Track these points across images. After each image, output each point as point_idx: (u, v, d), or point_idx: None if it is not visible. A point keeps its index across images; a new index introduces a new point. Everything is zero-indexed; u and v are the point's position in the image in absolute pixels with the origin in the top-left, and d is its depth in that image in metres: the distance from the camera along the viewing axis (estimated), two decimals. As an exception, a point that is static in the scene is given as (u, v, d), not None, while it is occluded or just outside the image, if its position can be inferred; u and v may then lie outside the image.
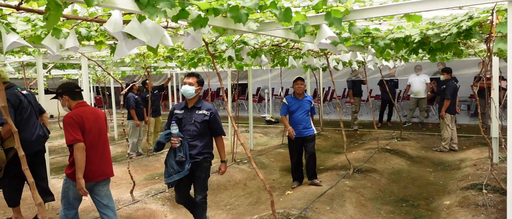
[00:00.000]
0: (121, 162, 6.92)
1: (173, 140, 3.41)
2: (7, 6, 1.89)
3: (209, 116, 3.51)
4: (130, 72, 10.14)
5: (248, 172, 6.02)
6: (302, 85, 5.16)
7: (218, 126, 3.59)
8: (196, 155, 3.49)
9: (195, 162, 3.48)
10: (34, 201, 1.79)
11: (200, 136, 3.51)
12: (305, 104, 5.16)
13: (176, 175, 3.43)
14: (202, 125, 3.49)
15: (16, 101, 3.77)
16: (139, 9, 1.99)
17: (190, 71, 3.75)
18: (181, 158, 3.40)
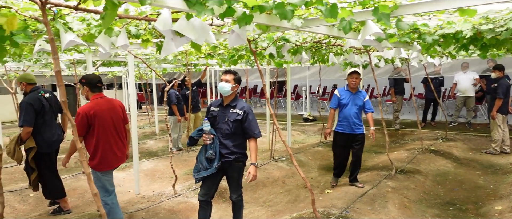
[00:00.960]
0: (162, 157, 7.14)
1: (204, 136, 3.36)
2: (67, 6, 2.01)
3: (242, 115, 3.37)
4: (171, 69, 10.43)
5: (286, 170, 6.01)
6: (357, 79, 4.83)
7: (251, 126, 3.39)
8: (227, 154, 3.37)
9: (226, 162, 3.38)
10: (91, 191, 1.88)
11: (232, 136, 3.38)
12: (357, 100, 4.87)
13: (204, 171, 3.36)
14: (234, 124, 3.36)
15: (39, 106, 4.14)
16: (188, 7, 2.03)
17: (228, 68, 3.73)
18: (211, 156, 3.33)
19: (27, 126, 3.97)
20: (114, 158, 3.58)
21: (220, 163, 3.35)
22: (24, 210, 4.68)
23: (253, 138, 3.42)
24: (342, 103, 4.90)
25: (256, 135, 3.41)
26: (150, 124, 11.70)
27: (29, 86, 4.28)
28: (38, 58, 5.59)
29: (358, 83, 4.87)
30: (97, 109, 3.44)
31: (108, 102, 3.59)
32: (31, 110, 4.01)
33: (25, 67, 7.33)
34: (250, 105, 3.53)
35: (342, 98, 4.90)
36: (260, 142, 8.52)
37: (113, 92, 16.22)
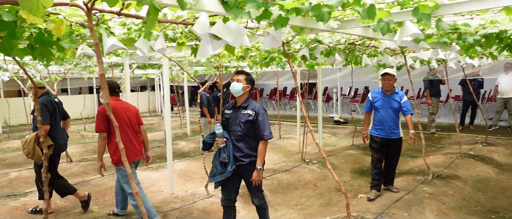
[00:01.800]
0: (194, 157, 7.26)
1: (217, 140, 3.27)
2: (111, 12, 2.09)
3: (253, 116, 3.24)
4: (202, 72, 10.60)
5: (318, 173, 5.95)
6: (390, 81, 4.56)
7: (261, 128, 3.23)
8: (242, 157, 3.26)
9: (241, 165, 3.27)
10: (132, 190, 1.94)
11: (245, 138, 3.27)
12: (392, 102, 4.59)
13: (219, 176, 3.27)
14: (245, 125, 3.24)
15: (52, 107, 4.35)
16: (225, 10, 2.06)
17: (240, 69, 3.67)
18: (224, 159, 3.23)
19: (46, 124, 4.16)
20: (132, 151, 3.95)
21: (234, 167, 3.25)
22: (65, 207, 4.89)
23: (262, 140, 3.24)
24: (375, 106, 4.71)
25: (265, 137, 3.23)
26: (181, 125, 11.92)
27: (40, 90, 4.48)
28: (78, 61, 5.83)
29: (392, 85, 4.62)
30: (115, 108, 3.88)
31: (123, 104, 4.08)
32: (46, 109, 4.22)
33: (66, 70, 7.68)
34: (262, 106, 3.34)
35: (376, 100, 4.70)
36: (290, 144, 8.58)
37: (146, 94, 16.71)
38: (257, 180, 3.25)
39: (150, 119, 14.24)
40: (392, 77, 4.59)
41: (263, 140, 3.23)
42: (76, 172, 6.63)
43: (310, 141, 7.92)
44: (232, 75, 9.18)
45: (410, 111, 4.66)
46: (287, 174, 5.75)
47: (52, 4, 1.56)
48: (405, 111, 4.63)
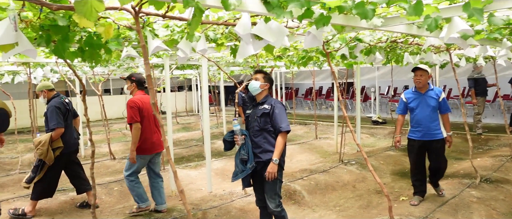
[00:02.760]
0: (231, 157, 7.33)
1: (235, 137, 3.25)
2: (156, 14, 2.16)
3: (269, 109, 3.19)
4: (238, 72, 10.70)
5: (356, 174, 5.82)
6: (422, 77, 4.21)
7: (277, 120, 3.15)
8: (260, 153, 3.20)
9: (259, 162, 3.21)
10: (177, 189, 1.99)
11: (262, 132, 3.22)
12: (429, 100, 4.24)
13: (240, 174, 3.24)
14: (262, 119, 3.21)
15: (64, 109, 4.50)
16: (267, 10, 2.06)
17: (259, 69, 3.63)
18: (243, 156, 3.20)
19: (60, 128, 4.31)
20: (152, 145, 4.24)
21: (254, 164, 3.20)
22: (110, 202, 5.11)
23: (280, 132, 3.15)
24: (410, 107, 4.37)
25: (282, 128, 3.13)
26: (218, 124, 12.09)
27: (50, 93, 4.63)
28: (121, 63, 6.07)
29: (424, 81, 4.24)
30: (143, 102, 4.17)
31: (147, 98, 4.27)
32: (59, 112, 4.38)
33: (109, 71, 8.03)
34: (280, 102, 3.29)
35: (410, 101, 4.37)
36: (327, 144, 8.46)
37: (183, 94, 17.11)
38: (271, 172, 3.11)
39: (187, 119, 14.57)
40: (424, 73, 4.23)
41: (280, 133, 3.15)
42: (119, 169, 6.91)
43: (348, 141, 7.77)
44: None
45: (448, 109, 4.35)
46: (325, 175, 5.68)
47: (104, 9, 1.63)
48: (443, 110, 4.30)
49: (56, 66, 5.56)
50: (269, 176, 3.12)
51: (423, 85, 4.28)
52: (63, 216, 4.63)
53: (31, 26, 2.16)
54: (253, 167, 3.21)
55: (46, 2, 1.77)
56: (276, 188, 3.26)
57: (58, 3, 1.86)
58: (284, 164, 3.32)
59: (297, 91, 16.88)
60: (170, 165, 2.01)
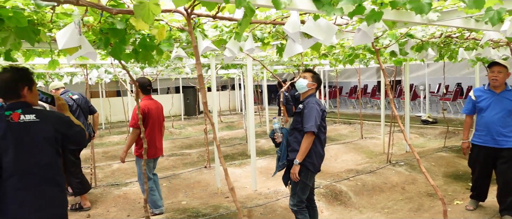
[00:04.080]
0: (274, 155, 7.34)
1: (275, 135, 3.34)
2: (207, 15, 2.21)
3: (301, 109, 3.17)
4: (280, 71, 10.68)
5: (405, 175, 5.59)
6: (500, 73, 3.69)
7: (305, 119, 3.10)
8: (290, 152, 3.22)
9: (291, 161, 3.20)
10: (228, 186, 2.03)
11: (294, 131, 3.23)
12: (504, 101, 3.72)
13: (276, 171, 3.35)
14: (294, 118, 3.25)
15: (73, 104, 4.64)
16: (317, 8, 2.03)
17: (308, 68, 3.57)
18: (278, 153, 3.31)
19: None
20: (155, 149, 4.29)
21: (285, 162, 3.25)
22: (159, 197, 5.31)
23: (305, 133, 3.08)
24: (479, 107, 3.89)
25: (305, 128, 3.06)
26: (260, 123, 12.16)
27: (57, 91, 4.79)
28: (169, 63, 6.29)
29: (502, 80, 3.72)
30: (149, 107, 4.22)
31: (155, 103, 4.36)
32: None
33: (158, 71, 8.35)
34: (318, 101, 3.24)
35: (480, 100, 3.87)
36: (373, 144, 8.22)
37: (226, 93, 17.39)
38: (292, 173, 3.12)
39: (230, 117, 14.80)
40: (503, 69, 3.70)
41: (305, 133, 3.09)
42: (167, 166, 7.17)
43: (395, 141, 7.49)
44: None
45: None
46: (372, 176, 5.51)
47: (160, 11, 1.70)
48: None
49: (111, 67, 5.87)
50: (291, 176, 3.16)
51: (500, 84, 3.76)
52: (117, 208, 4.89)
53: (92, 30, 2.30)
54: (284, 165, 3.28)
55: (107, 7, 1.87)
56: (297, 189, 3.23)
57: (116, 8, 1.96)
58: (313, 167, 3.21)
59: (341, 90, 16.54)
60: (221, 163, 2.05)
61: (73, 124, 2.29)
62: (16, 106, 2.13)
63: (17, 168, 2.05)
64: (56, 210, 2.19)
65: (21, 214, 2.06)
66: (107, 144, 9.70)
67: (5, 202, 2.04)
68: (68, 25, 1.96)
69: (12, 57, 2.45)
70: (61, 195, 2.24)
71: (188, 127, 12.44)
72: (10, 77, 2.13)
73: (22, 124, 2.09)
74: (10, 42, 1.98)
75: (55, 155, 2.19)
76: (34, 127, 2.11)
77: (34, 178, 2.09)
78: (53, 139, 2.16)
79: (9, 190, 2.03)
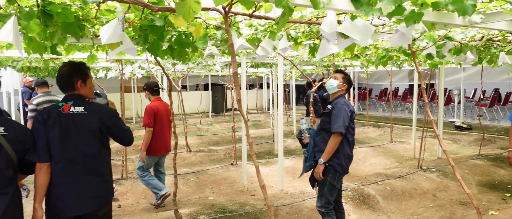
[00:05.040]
0: (301, 156, 7.30)
1: (303, 136, 3.33)
2: (244, 14, 2.23)
3: (330, 110, 3.15)
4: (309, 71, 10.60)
5: (437, 182, 5.42)
6: None
7: (332, 120, 3.09)
8: (317, 152, 3.20)
9: (317, 162, 3.18)
10: (259, 183, 2.05)
11: (321, 132, 3.22)
12: None
13: (303, 172, 3.34)
14: (322, 118, 3.23)
15: None
16: (355, 8, 2.01)
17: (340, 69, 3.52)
18: (305, 154, 3.30)
19: None
20: (162, 147, 4.53)
21: (311, 162, 3.23)
22: (187, 191, 5.42)
23: (332, 133, 3.07)
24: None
25: (333, 129, 3.05)
26: (287, 123, 12.12)
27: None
28: (200, 60, 6.38)
29: None
30: (159, 108, 4.49)
31: (163, 105, 4.60)
32: None
33: (188, 68, 8.49)
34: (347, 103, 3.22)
35: None
36: (402, 149, 8.02)
37: (254, 92, 17.45)
38: (316, 172, 3.12)
39: (257, 116, 14.84)
40: None
41: (333, 133, 3.08)
42: (194, 161, 7.29)
43: (427, 146, 7.26)
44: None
45: None
46: (402, 181, 5.38)
47: (201, 9, 1.74)
48: None
49: (147, 63, 6.03)
50: (315, 176, 3.17)
51: None
52: (146, 200, 5.02)
53: (132, 27, 2.37)
54: (311, 166, 3.26)
55: (148, 4, 1.93)
56: (324, 190, 3.21)
57: (157, 5, 2.02)
58: (341, 168, 3.18)
59: (370, 92, 16.23)
60: (253, 161, 2.07)
61: (120, 121, 2.42)
62: (69, 98, 2.28)
63: (62, 156, 2.18)
64: (98, 200, 2.29)
65: (65, 200, 2.19)
66: (137, 138, 9.95)
67: (52, 185, 2.18)
68: (111, 21, 2.04)
69: (57, 51, 2.57)
70: (105, 185, 2.33)
71: (216, 124, 12.58)
72: (66, 71, 2.30)
73: (71, 115, 2.22)
74: (57, 37, 2.08)
75: (100, 146, 2.29)
76: (81, 118, 2.23)
77: (79, 167, 2.21)
78: (97, 130, 2.26)
79: (55, 175, 2.17)
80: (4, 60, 5.32)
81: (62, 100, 2.28)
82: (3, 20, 1.89)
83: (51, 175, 2.17)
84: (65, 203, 2.19)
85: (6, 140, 1.97)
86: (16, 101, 10.09)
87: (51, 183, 2.18)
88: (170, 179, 5.63)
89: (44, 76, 8.16)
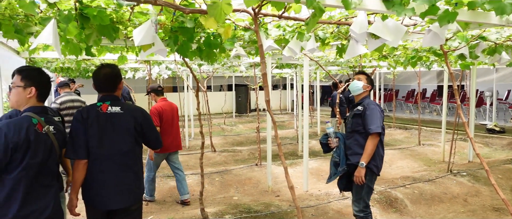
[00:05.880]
0: (326, 157, 7.24)
1: (329, 140, 3.23)
2: (273, 15, 2.24)
3: (362, 110, 3.09)
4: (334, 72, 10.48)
5: (468, 187, 5.25)
6: None
7: (366, 121, 3.03)
8: (351, 156, 3.12)
9: (351, 165, 3.11)
10: (288, 184, 2.05)
11: (353, 134, 3.13)
12: None
13: (333, 176, 3.22)
14: (353, 120, 3.14)
15: None
16: (386, 8, 1.98)
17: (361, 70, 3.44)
18: (335, 159, 3.18)
19: None
20: (167, 145, 4.58)
21: (345, 167, 3.13)
22: (212, 191, 5.48)
23: (370, 134, 3.02)
24: None
25: (371, 130, 2.99)
26: (312, 124, 12.04)
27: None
28: (225, 61, 6.44)
29: None
30: (164, 109, 4.62)
31: (169, 105, 4.74)
32: None
33: (213, 69, 8.58)
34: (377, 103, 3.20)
35: None
36: (431, 152, 7.81)
37: (278, 93, 17.43)
38: (357, 176, 3.03)
39: (281, 117, 14.81)
40: None
41: (370, 135, 3.02)
42: (219, 161, 7.36)
43: (457, 150, 7.04)
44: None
45: None
46: (430, 185, 5.24)
47: (232, 11, 1.76)
48: None
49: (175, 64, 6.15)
50: (356, 180, 3.07)
51: None
52: (172, 199, 5.11)
53: (164, 29, 2.43)
54: (344, 170, 3.16)
55: (181, 6, 1.97)
56: (362, 193, 3.15)
57: (188, 8, 2.06)
58: (377, 170, 3.14)
59: (397, 93, 15.89)
60: (282, 161, 2.07)
61: (152, 123, 2.55)
62: (106, 98, 2.38)
63: (100, 153, 2.29)
64: (132, 195, 2.40)
65: (103, 194, 2.31)
66: (163, 137, 10.16)
67: (90, 180, 2.30)
68: (144, 24, 2.09)
69: (91, 52, 2.66)
70: (138, 182, 2.44)
71: (239, 124, 12.65)
72: (111, 72, 2.40)
73: (109, 114, 2.33)
74: (93, 39, 2.16)
75: (135, 144, 2.40)
76: (118, 118, 2.35)
77: (115, 163, 2.32)
78: (133, 129, 2.37)
79: (93, 171, 2.29)
80: (39, 61, 5.54)
81: (99, 101, 2.38)
82: (44, 23, 1.98)
83: (89, 171, 2.29)
84: (102, 197, 2.31)
85: (55, 138, 2.07)
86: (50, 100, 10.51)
87: (89, 178, 2.29)
88: (196, 178, 5.71)
89: (76, 76, 8.45)
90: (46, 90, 2.10)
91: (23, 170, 1.88)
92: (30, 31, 2.20)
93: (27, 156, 1.89)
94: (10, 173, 1.88)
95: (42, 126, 2.00)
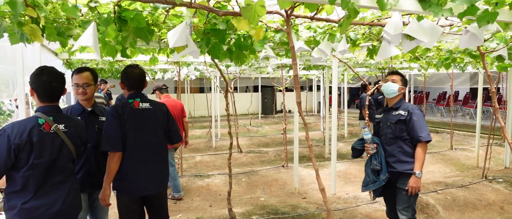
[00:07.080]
0: (354, 160, 7.13)
1: (366, 146, 3.08)
2: (305, 16, 2.24)
3: (405, 116, 2.95)
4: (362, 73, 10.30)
5: (505, 194, 5.03)
6: None
7: (415, 128, 2.91)
8: (394, 163, 2.99)
9: (393, 172, 3.00)
10: (319, 187, 2.04)
11: (396, 141, 2.99)
12: None
13: (372, 185, 3.06)
14: (396, 126, 2.98)
15: None
16: (423, 9, 1.94)
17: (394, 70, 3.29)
18: (375, 167, 3.03)
19: None
20: None
21: (388, 175, 3.00)
22: (239, 191, 5.52)
23: (420, 142, 2.90)
24: None
25: (422, 138, 2.87)
26: (339, 126, 11.89)
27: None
28: (253, 63, 6.46)
29: None
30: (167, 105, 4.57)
31: (173, 101, 4.93)
32: None
33: (240, 70, 8.64)
34: (417, 107, 3.07)
35: None
36: (464, 157, 7.54)
37: (304, 94, 17.31)
38: (414, 187, 2.88)
39: (307, 119, 14.71)
40: None
41: (420, 143, 2.90)
42: (245, 162, 7.40)
43: (492, 155, 6.75)
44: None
45: None
46: (464, 191, 5.06)
47: (266, 13, 1.77)
48: None
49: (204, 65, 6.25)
50: (412, 190, 2.92)
51: None
52: (200, 198, 5.19)
53: (196, 30, 2.48)
54: (387, 178, 3.04)
55: (214, 9, 2.01)
56: (411, 201, 3.02)
57: (221, 10, 2.09)
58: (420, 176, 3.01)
59: (427, 95, 15.43)
60: (313, 163, 2.07)
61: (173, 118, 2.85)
62: (136, 96, 2.63)
63: (135, 145, 2.53)
64: (162, 183, 2.72)
65: (138, 182, 2.56)
66: (190, 137, 10.30)
67: (126, 170, 2.53)
68: (178, 26, 2.14)
69: (127, 54, 2.75)
70: (165, 171, 2.75)
71: (265, 125, 12.66)
72: (141, 72, 2.67)
73: (141, 110, 2.60)
74: (129, 41, 2.23)
75: (163, 137, 2.71)
76: (148, 112, 2.63)
77: (148, 154, 2.58)
78: (162, 122, 2.68)
79: (129, 162, 2.53)
80: (75, 62, 5.77)
81: (129, 98, 2.63)
82: (84, 26, 2.07)
83: (125, 162, 2.51)
84: (138, 185, 2.55)
85: (67, 136, 2.13)
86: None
87: (124, 169, 2.52)
88: (224, 178, 5.77)
89: (108, 77, 8.73)
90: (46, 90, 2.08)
91: (29, 169, 1.96)
92: (71, 34, 2.30)
93: (32, 157, 1.96)
94: (18, 171, 1.97)
95: (50, 125, 2.05)
